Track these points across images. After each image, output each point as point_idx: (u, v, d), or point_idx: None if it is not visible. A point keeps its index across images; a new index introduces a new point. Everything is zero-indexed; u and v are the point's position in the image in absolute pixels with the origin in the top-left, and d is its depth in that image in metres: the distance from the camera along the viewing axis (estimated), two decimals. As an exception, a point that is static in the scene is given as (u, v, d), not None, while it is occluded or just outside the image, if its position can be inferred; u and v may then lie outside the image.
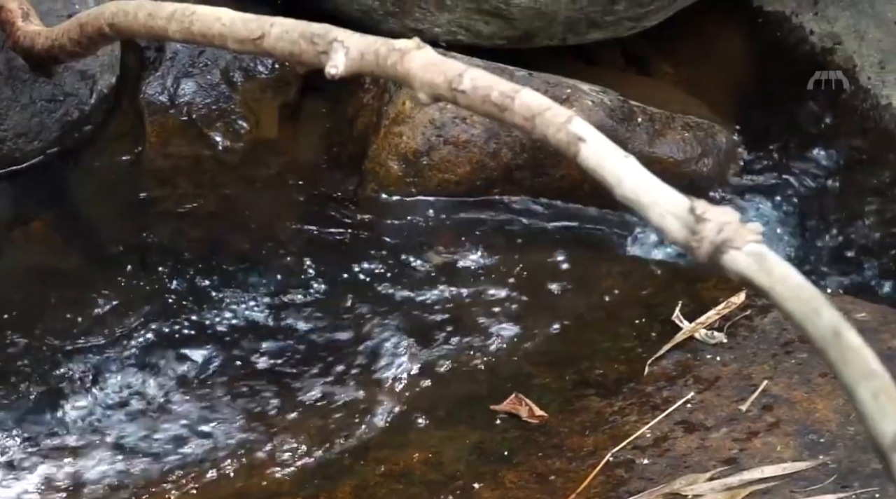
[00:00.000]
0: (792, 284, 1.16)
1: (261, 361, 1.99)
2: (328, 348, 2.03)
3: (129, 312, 2.03)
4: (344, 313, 2.09)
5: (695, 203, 1.26)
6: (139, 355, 1.97)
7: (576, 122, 1.35)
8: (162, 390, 1.92)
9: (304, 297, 2.10)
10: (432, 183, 2.29)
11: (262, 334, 2.03)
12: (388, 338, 2.05)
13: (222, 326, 2.03)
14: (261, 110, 2.35)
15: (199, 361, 1.97)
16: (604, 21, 2.34)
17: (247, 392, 1.94)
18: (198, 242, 2.19)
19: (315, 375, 1.98)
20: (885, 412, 0.98)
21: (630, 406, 1.89)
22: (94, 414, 1.89)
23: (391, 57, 1.47)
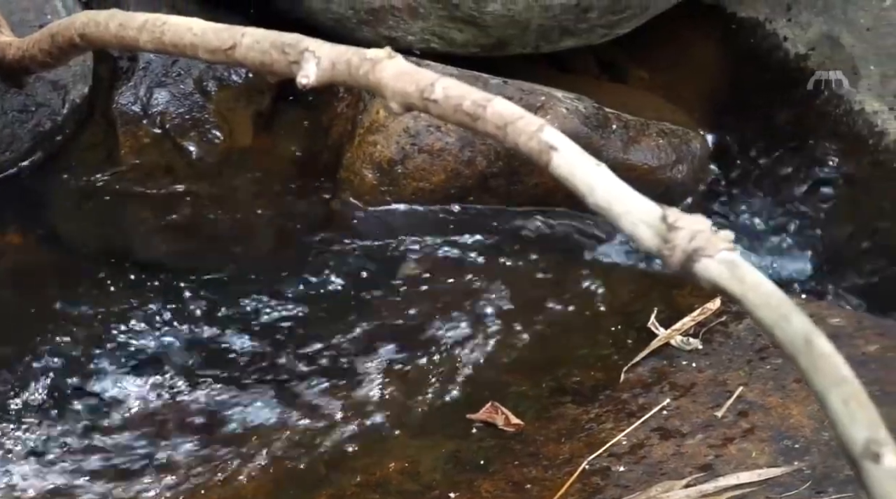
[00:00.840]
0: (763, 292, 1.16)
1: (234, 370, 1.98)
2: (303, 357, 2.02)
3: (104, 324, 2.02)
4: (319, 323, 2.09)
5: (667, 211, 1.26)
6: (114, 366, 1.95)
7: (547, 130, 1.35)
8: (134, 400, 1.91)
9: (279, 306, 2.09)
10: (407, 191, 2.28)
11: (237, 344, 2.02)
12: (364, 347, 2.04)
13: (195, 336, 2.02)
14: (234, 119, 2.35)
15: (172, 371, 1.96)
16: (577, 29, 2.34)
17: (220, 401, 1.92)
18: (173, 253, 2.18)
19: (290, 384, 1.98)
20: (856, 419, 0.98)
21: (606, 413, 1.89)
22: (65, 422, 1.88)
23: (363, 66, 1.46)
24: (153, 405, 1.91)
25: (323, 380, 1.98)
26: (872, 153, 2.46)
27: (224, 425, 1.90)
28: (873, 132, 2.46)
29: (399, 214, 2.29)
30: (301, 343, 2.05)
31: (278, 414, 1.92)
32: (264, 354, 2.02)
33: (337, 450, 1.87)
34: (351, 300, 2.12)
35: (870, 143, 2.46)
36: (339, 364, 2.01)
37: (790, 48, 2.61)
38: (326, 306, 2.11)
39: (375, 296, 2.13)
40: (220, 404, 1.92)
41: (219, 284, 2.12)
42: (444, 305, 2.13)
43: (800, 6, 2.61)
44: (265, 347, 2.02)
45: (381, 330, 2.08)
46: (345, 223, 2.27)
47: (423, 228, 2.29)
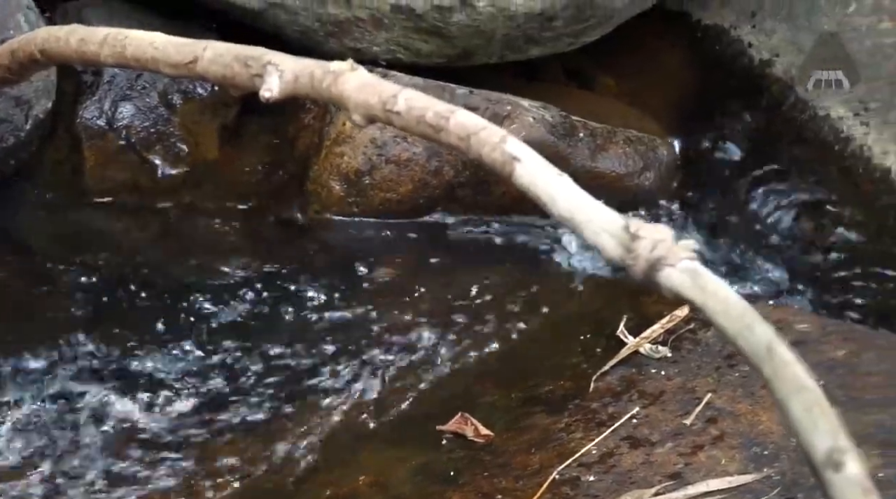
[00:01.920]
0: (725, 300, 1.16)
1: (202, 384, 1.97)
2: (272, 370, 2.01)
3: (69, 341, 2.00)
4: (288, 335, 2.08)
5: (629, 221, 1.26)
6: (78, 382, 1.94)
7: (510, 141, 1.35)
8: (101, 417, 1.90)
9: (248, 319, 2.09)
10: (375, 202, 2.28)
11: (203, 357, 2.01)
12: (332, 359, 2.04)
13: (163, 351, 2.01)
14: (200, 132, 2.33)
15: (139, 386, 1.94)
16: (542, 38, 2.34)
17: (188, 416, 1.91)
18: (139, 267, 2.17)
19: (258, 397, 1.97)
20: (818, 427, 0.98)
21: (576, 423, 1.89)
22: (24, 438, 1.86)
23: (325, 79, 1.46)
24: (116, 419, 1.90)
25: (291, 392, 1.98)
26: (838, 159, 2.47)
27: (190, 439, 1.88)
28: (839, 138, 2.47)
29: (367, 226, 2.29)
30: (269, 355, 2.04)
31: (246, 428, 1.91)
32: (232, 366, 2.01)
33: (306, 464, 1.86)
34: (319, 312, 2.12)
35: (836, 148, 2.47)
36: (307, 376, 2.01)
37: (755, 54, 2.62)
38: (295, 319, 2.10)
39: (344, 308, 2.13)
40: (185, 418, 1.91)
41: (185, 297, 2.11)
42: (412, 315, 2.13)
43: (764, 13, 2.62)
44: (232, 359, 2.02)
45: (350, 342, 2.07)
46: (313, 235, 2.27)
47: (392, 238, 2.28)
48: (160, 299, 2.10)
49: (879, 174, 2.42)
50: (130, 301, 2.10)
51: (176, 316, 2.07)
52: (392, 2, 2.21)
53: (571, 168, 2.33)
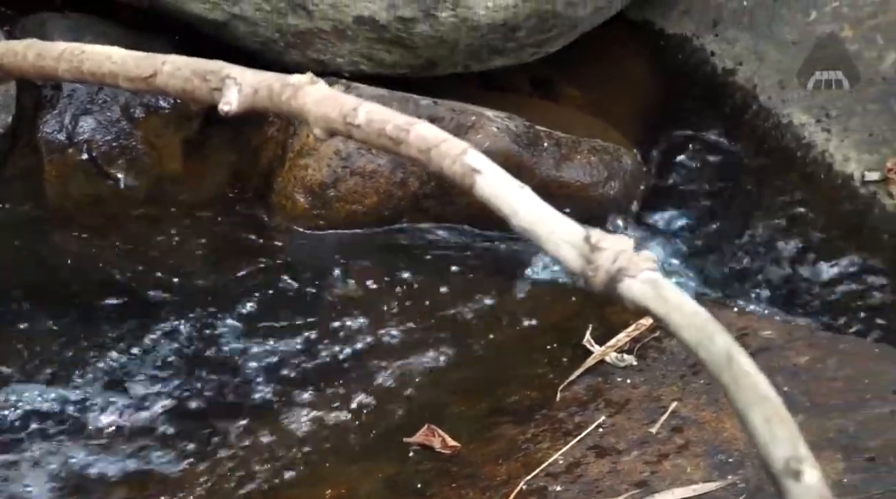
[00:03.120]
0: (686, 311, 1.16)
1: (167, 401, 1.96)
2: (237, 384, 2.00)
3: (28, 356, 1.98)
4: (253, 348, 2.07)
5: (590, 232, 1.26)
6: (38, 400, 1.92)
7: (471, 154, 1.35)
8: (62, 437, 1.88)
9: (213, 334, 2.07)
10: (340, 214, 2.27)
11: (169, 375, 2.00)
12: (298, 371, 2.03)
13: (126, 369, 2.00)
14: (163, 146, 2.32)
15: (101, 406, 1.93)
16: (506, 48, 2.35)
17: (152, 435, 1.90)
18: (102, 283, 2.15)
19: (224, 409, 1.96)
20: (777, 437, 0.99)
21: (543, 433, 1.89)
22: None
23: (285, 92, 1.45)
24: (78, 439, 1.88)
25: (256, 406, 1.97)
26: (801, 166, 2.48)
27: (155, 457, 1.87)
28: (801, 145, 2.49)
29: (332, 237, 2.28)
30: (234, 369, 2.03)
31: (211, 443, 1.90)
32: (196, 380, 1.99)
33: (272, 478, 1.85)
34: (284, 325, 2.11)
35: (798, 155, 2.49)
36: (272, 389, 2.00)
37: (718, 63, 2.64)
38: (260, 332, 2.09)
39: (309, 320, 2.12)
40: (148, 437, 1.89)
41: (148, 311, 2.09)
42: (378, 327, 2.13)
43: (726, 22, 2.64)
44: (196, 373, 2.00)
45: (316, 354, 2.07)
46: (277, 248, 2.26)
47: (357, 250, 2.28)
48: (123, 313, 2.08)
49: (841, 180, 2.43)
50: (92, 314, 2.09)
51: (138, 329, 2.06)
52: (355, 13, 2.21)
53: (536, 178, 2.34)
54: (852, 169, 2.43)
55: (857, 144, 2.44)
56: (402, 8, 2.18)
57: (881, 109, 2.44)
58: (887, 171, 2.39)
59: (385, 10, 2.19)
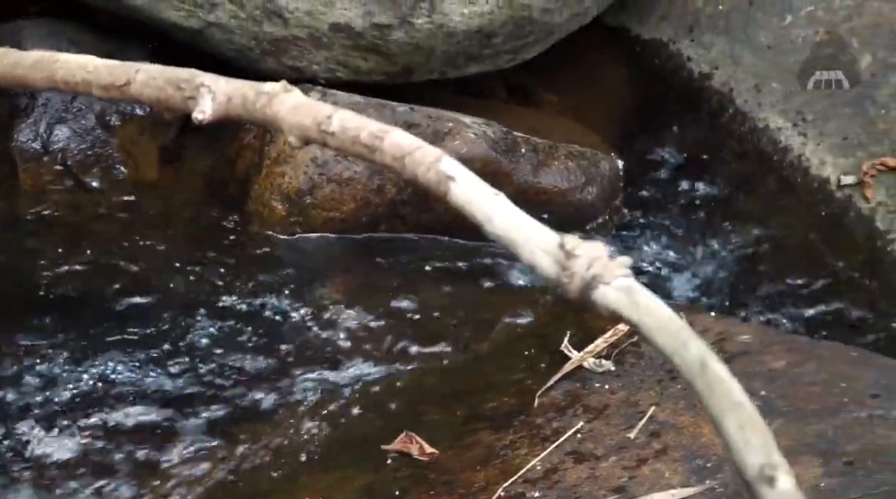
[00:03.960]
0: (660, 318, 1.16)
1: (142, 408, 1.95)
2: (213, 392, 2.00)
3: (3, 365, 1.97)
4: (230, 356, 2.06)
5: (564, 239, 1.26)
6: (9, 408, 1.91)
7: (445, 161, 1.35)
8: (30, 444, 1.87)
9: (189, 341, 2.07)
10: (317, 221, 2.27)
11: (143, 384, 1.99)
12: (275, 379, 2.02)
13: (98, 373, 1.99)
14: (139, 153, 2.31)
15: (74, 407, 1.92)
16: (482, 54, 2.35)
17: (127, 441, 1.89)
18: (78, 292, 2.14)
19: (198, 418, 1.95)
20: (750, 444, 0.99)
21: (521, 439, 1.88)
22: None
23: (259, 100, 1.45)
24: (46, 445, 1.87)
25: (233, 414, 1.96)
26: (777, 169, 2.49)
27: (123, 464, 1.86)
28: (777, 149, 2.50)
29: (310, 245, 2.28)
30: (211, 376, 2.02)
31: (187, 450, 1.89)
32: (173, 389, 1.99)
33: (249, 486, 1.85)
34: (262, 333, 2.10)
35: (774, 159, 2.50)
36: (250, 397, 1.99)
37: (694, 68, 2.64)
38: (237, 339, 2.09)
39: (286, 328, 2.12)
40: (123, 443, 1.89)
41: (123, 319, 2.08)
42: (356, 334, 2.12)
43: (702, 27, 2.64)
44: (170, 381, 1.99)
45: (293, 361, 2.06)
46: (254, 255, 2.25)
47: (335, 257, 2.27)
48: (97, 321, 2.07)
49: (817, 184, 2.44)
50: (66, 323, 2.08)
51: (112, 337, 2.05)
52: (331, 20, 2.21)
53: (514, 184, 2.34)
54: (828, 172, 2.44)
55: (832, 147, 2.45)
56: (377, 15, 2.18)
57: (856, 113, 2.45)
58: (863, 174, 2.40)
59: (361, 18, 2.19)
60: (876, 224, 2.39)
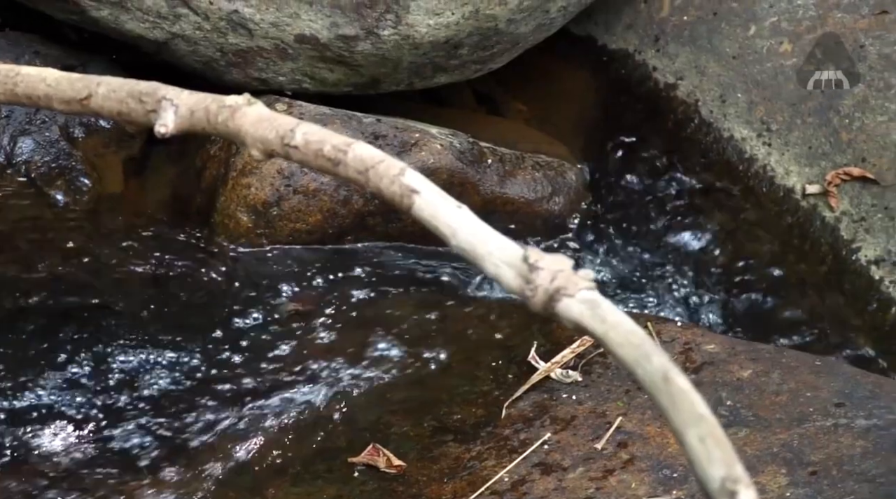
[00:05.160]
0: (623, 331, 1.16)
1: (102, 425, 1.93)
2: (178, 405, 1.98)
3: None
4: (195, 370, 2.05)
5: (528, 251, 1.26)
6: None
7: (409, 174, 1.34)
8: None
9: (155, 356, 2.05)
10: (284, 233, 2.26)
11: (106, 399, 1.97)
12: (242, 391, 2.01)
13: (60, 388, 1.97)
14: (104, 166, 2.30)
15: (30, 421, 1.90)
16: (449, 65, 2.35)
17: (87, 459, 1.87)
18: (40, 305, 2.12)
19: (162, 432, 1.93)
20: (712, 457, 0.99)
21: (488, 450, 1.88)
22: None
23: (222, 114, 1.44)
24: (7, 469, 1.85)
25: (199, 426, 1.95)
26: (742, 180, 2.50)
27: (85, 478, 1.84)
28: (742, 159, 2.51)
29: (276, 257, 2.27)
30: (175, 390, 2.01)
31: (145, 467, 1.88)
32: (134, 403, 1.97)
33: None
34: (227, 345, 2.09)
35: (739, 169, 2.51)
36: (216, 410, 1.98)
37: (660, 78, 2.65)
38: (203, 352, 2.07)
39: (252, 340, 2.10)
40: (82, 462, 1.87)
41: (88, 335, 2.07)
42: (323, 346, 2.11)
43: (667, 37, 2.66)
44: (135, 395, 1.98)
45: (259, 374, 2.05)
46: (220, 267, 2.24)
47: (302, 269, 2.26)
48: (60, 337, 2.05)
49: (782, 194, 2.46)
50: (29, 337, 2.06)
51: (79, 355, 2.03)
52: (296, 32, 2.20)
53: (481, 194, 2.35)
54: (793, 182, 2.45)
55: (797, 157, 2.46)
56: (343, 27, 2.17)
57: (820, 122, 2.47)
58: (827, 184, 2.42)
59: (327, 29, 2.18)
60: (840, 233, 2.41)
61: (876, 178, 2.40)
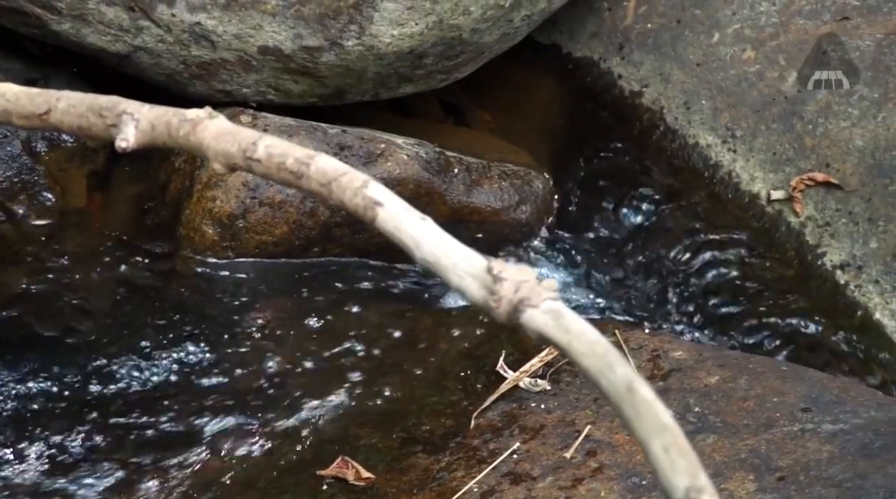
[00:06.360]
0: (587, 340, 1.16)
1: (67, 442, 1.91)
2: (143, 421, 1.97)
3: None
4: (162, 384, 2.03)
5: (492, 263, 1.26)
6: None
7: (372, 186, 1.34)
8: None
9: (116, 369, 2.03)
10: (250, 245, 2.25)
11: (69, 414, 1.95)
12: (207, 405, 2.00)
13: (22, 404, 1.95)
14: (67, 180, 2.28)
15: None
16: (414, 75, 2.35)
17: (49, 473, 1.85)
18: (4, 323, 2.10)
19: (129, 448, 1.92)
20: (676, 467, 0.99)
21: (457, 461, 1.88)
22: None
23: (183, 127, 1.43)
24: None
25: (163, 443, 1.93)
26: (708, 186, 2.51)
27: (56, 495, 1.83)
28: (708, 165, 2.52)
29: (243, 269, 2.25)
30: (141, 404, 2.00)
31: (116, 481, 1.86)
32: (100, 418, 1.95)
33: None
34: (192, 359, 2.07)
35: (705, 176, 2.52)
36: (182, 426, 1.96)
37: (625, 86, 2.66)
38: (167, 366, 2.06)
39: (218, 353, 2.09)
40: (50, 480, 1.85)
41: (52, 349, 2.05)
42: (289, 359, 2.10)
43: (632, 44, 2.67)
44: (102, 410, 1.96)
45: (226, 388, 2.04)
46: (186, 280, 2.22)
47: (268, 281, 2.25)
48: (22, 351, 2.03)
49: (748, 200, 2.47)
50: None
51: (43, 371, 2.01)
52: (259, 43, 2.19)
53: (447, 204, 2.34)
54: (758, 188, 2.46)
55: (762, 163, 2.47)
56: (307, 38, 2.16)
57: (784, 128, 2.48)
58: (792, 189, 2.43)
59: (290, 41, 2.17)
60: (806, 238, 2.42)
61: (840, 183, 2.41)
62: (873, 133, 2.41)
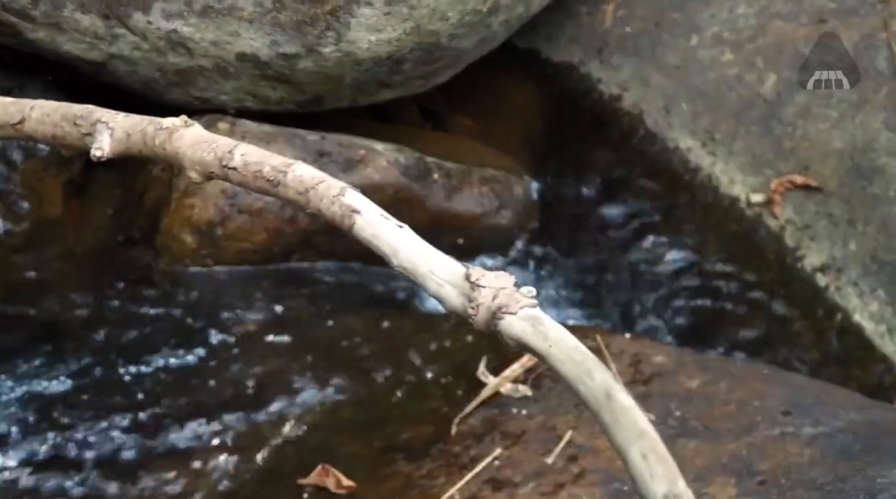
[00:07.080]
0: (566, 347, 1.16)
1: (44, 455, 1.90)
2: (121, 430, 1.95)
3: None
4: (140, 393, 2.02)
5: (470, 270, 1.26)
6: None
7: (349, 194, 1.34)
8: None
9: (95, 380, 2.02)
10: (229, 253, 2.24)
11: (48, 425, 1.94)
12: (187, 414, 1.99)
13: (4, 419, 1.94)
14: (43, 189, 2.27)
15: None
16: (392, 81, 2.34)
17: (25, 485, 1.84)
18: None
19: (108, 458, 1.91)
20: (655, 473, 0.99)
21: (439, 468, 1.87)
22: None
23: (158, 136, 1.43)
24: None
25: (142, 452, 1.92)
26: (688, 190, 2.51)
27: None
28: (688, 169, 2.52)
29: (222, 277, 2.24)
30: (120, 414, 1.98)
31: (91, 491, 1.85)
32: (78, 428, 1.94)
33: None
34: (172, 368, 2.06)
35: (685, 179, 2.52)
36: (161, 435, 1.95)
37: (604, 90, 2.66)
38: (146, 376, 2.05)
39: (197, 362, 2.08)
40: (26, 490, 1.84)
41: (29, 359, 2.03)
42: (269, 367, 2.09)
43: (610, 48, 2.66)
44: (80, 422, 1.95)
45: (205, 396, 2.03)
46: (165, 289, 2.21)
47: (248, 289, 2.24)
48: (3, 366, 2.02)
49: (728, 203, 2.47)
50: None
51: (19, 383, 2.00)
52: (237, 50, 2.18)
53: (427, 210, 2.34)
54: (738, 191, 2.47)
55: (741, 166, 2.48)
56: (283, 45, 2.16)
57: (763, 131, 2.49)
58: (771, 192, 2.44)
59: (267, 47, 2.16)
60: (785, 241, 2.42)
61: (819, 185, 2.41)
62: (852, 135, 2.41)
